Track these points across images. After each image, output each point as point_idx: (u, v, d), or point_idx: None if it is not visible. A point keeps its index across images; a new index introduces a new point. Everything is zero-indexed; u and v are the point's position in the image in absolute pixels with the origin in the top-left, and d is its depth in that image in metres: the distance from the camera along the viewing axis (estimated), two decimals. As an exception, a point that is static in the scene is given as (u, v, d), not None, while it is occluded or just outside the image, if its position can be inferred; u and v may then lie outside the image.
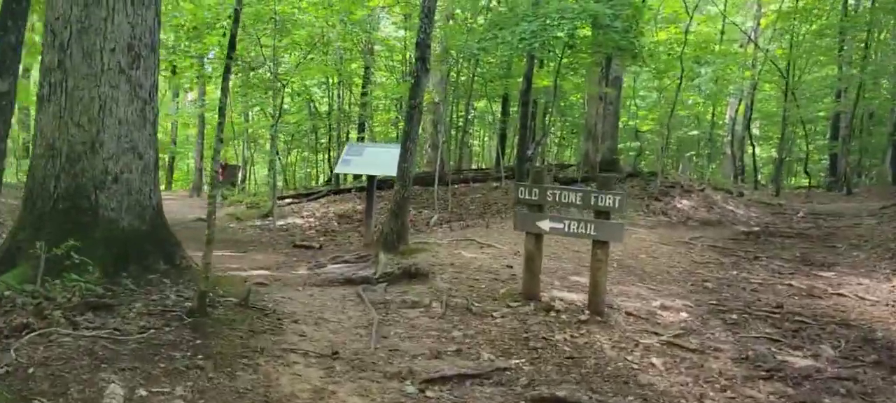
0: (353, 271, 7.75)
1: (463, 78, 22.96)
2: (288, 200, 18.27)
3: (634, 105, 23.20)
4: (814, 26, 27.14)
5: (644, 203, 13.50)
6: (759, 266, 9.11)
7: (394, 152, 8.74)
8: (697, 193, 15.23)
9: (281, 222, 14.83)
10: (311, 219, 15.11)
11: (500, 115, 25.81)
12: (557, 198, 6.12)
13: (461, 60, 20.63)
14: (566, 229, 6.08)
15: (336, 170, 13.16)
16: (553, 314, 5.90)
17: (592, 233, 5.93)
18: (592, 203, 5.93)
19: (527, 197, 6.19)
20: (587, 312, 5.95)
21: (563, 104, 26.07)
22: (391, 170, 8.01)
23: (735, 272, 8.55)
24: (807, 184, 29.74)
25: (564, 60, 16.17)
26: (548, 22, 11.06)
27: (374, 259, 7.89)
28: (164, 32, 12.96)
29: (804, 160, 33.00)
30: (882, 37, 27.48)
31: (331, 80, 24.32)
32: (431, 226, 12.86)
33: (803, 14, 26.09)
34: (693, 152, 32.70)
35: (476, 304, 6.06)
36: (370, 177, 9.55)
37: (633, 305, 6.45)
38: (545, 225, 6.13)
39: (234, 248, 11.40)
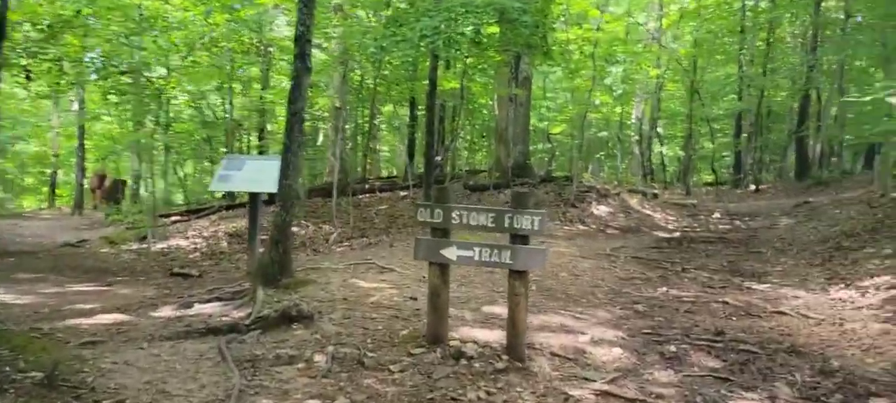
0: (226, 311, 6.46)
1: (368, 80, 21.82)
2: (174, 218, 16.59)
3: (545, 107, 22.55)
4: (714, 26, 27.41)
5: (560, 210, 12.67)
6: (688, 279, 8.33)
7: (278, 164, 7.46)
8: (614, 197, 14.56)
9: (162, 245, 13.24)
10: (198, 240, 13.57)
11: (408, 120, 24.79)
12: (466, 220, 5.04)
13: (363, 61, 19.46)
14: (477, 257, 5.01)
15: (212, 188, 11.70)
16: (464, 362, 4.83)
17: (508, 262, 4.89)
18: (507, 225, 4.89)
19: (429, 219, 5.09)
20: (505, 358, 4.90)
21: (472, 106, 25.26)
22: (275, 187, 6.76)
23: (664, 288, 7.72)
24: (714, 181, 30.07)
25: (471, 60, 15.23)
26: (452, 17, 10.04)
27: (253, 294, 6.61)
28: (16, 30, 11.23)
29: (710, 157, 33.47)
30: (779, 34, 27.94)
31: (224, 86, 22.66)
32: (331, 244, 11.62)
33: (704, 15, 26.26)
34: (603, 153, 32.55)
35: (370, 354, 4.91)
36: (252, 195, 8.24)
37: (559, 341, 5.45)
38: (451, 253, 5.04)
39: (98, 280, 9.84)
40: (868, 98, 7.99)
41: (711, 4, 26.26)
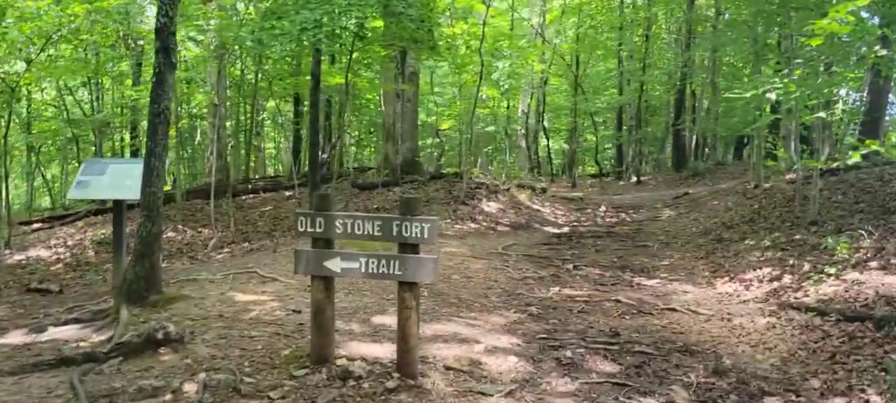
0: (84, 335, 5.78)
1: (250, 76, 20.89)
2: (35, 225, 15.25)
3: (432, 102, 22.36)
4: (594, 22, 28.14)
5: (451, 208, 12.45)
6: (580, 277, 8.27)
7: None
8: (503, 193, 14.50)
9: (20, 256, 12.07)
10: (61, 250, 12.46)
11: (292, 117, 24.00)
12: (350, 229, 4.65)
13: (243, 55, 18.59)
14: (363, 269, 4.63)
15: (70, 196, 10.71)
16: (352, 383, 4.45)
17: (397, 273, 4.54)
18: (395, 233, 4.53)
19: (310, 228, 4.67)
20: (396, 375, 4.55)
21: (359, 102, 24.75)
22: (138, 194, 6.10)
23: (557, 288, 7.60)
24: (597, 173, 30.92)
25: (356, 54, 14.75)
26: (334, 10, 9.57)
27: (116, 313, 5.95)
28: None
29: (593, 150, 34.42)
30: (656, 31, 28.97)
31: (92, 81, 21.12)
32: (209, 251, 10.90)
33: (584, 11, 26.90)
34: (490, 147, 32.78)
35: (247, 379, 4.45)
36: (117, 202, 7.49)
37: (453, 353, 5.16)
38: (335, 265, 4.64)
39: (-62, 301, 8.75)
40: (748, 94, 8.16)
41: (592, 0, 26.96)
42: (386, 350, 5.02)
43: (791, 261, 7.45)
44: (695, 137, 25.16)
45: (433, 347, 5.25)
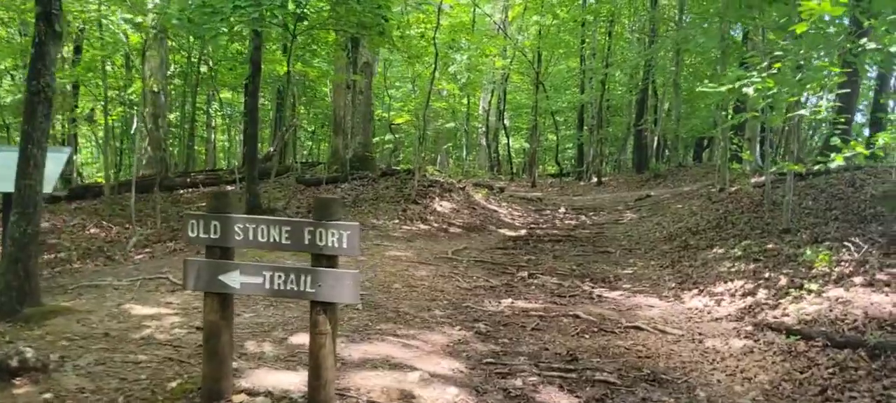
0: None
1: (199, 62, 19.76)
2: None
3: (387, 96, 21.48)
4: (557, 19, 27.56)
5: (400, 207, 11.60)
6: (536, 286, 7.49)
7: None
8: (458, 192, 13.70)
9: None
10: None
11: (243, 107, 22.94)
12: (253, 236, 3.78)
13: (191, 41, 17.49)
14: (268, 285, 3.77)
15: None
16: (249, 426, 3.59)
17: (309, 291, 3.68)
18: (307, 242, 3.68)
19: (203, 233, 3.79)
20: (306, 416, 3.71)
21: (312, 94, 23.77)
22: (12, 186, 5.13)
23: (509, 300, 6.81)
24: (558, 173, 30.41)
25: (302, 40, 13.79)
26: (272, -13, 8.64)
27: (-16, 330, 4.98)
28: None
29: (554, 149, 33.90)
30: (618, 30, 28.50)
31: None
32: (129, 250, 9.88)
33: (547, 6, 26.26)
34: (450, 144, 32.01)
35: (119, 421, 3.56)
36: (5, 196, 6.48)
37: (382, 383, 4.32)
38: (234, 279, 3.77)
39: None
40: (724, 88, 7.47)
41: (554, -3, 26.38)
42: (299, 380, 4.17)
43: (766, 274, 6.77)
44: (656, 138, 24.72)
45: (358, 375, 4.41)
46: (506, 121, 34.75)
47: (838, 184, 10.25)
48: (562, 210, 14.85)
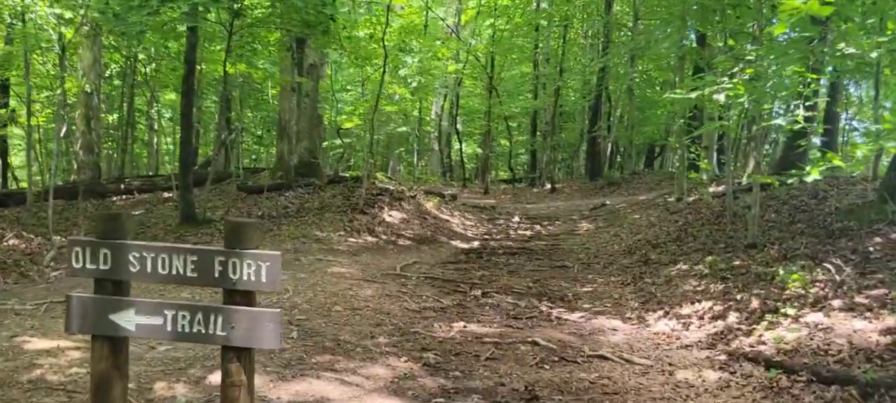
0: None
1: (141, 62, 18.79)
2: None
3: (334, 100, 20.75)
4: (511, 23, 27.23)
5: (347, 218, 10.92)
6: (490, 307, 6.93)
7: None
8: (409, 200, 13.09)
9: None
10: None
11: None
12: (152, 266, 3.11)
13: (127, 40, 16.53)
14: (170, 327, 3.11)
15: None
16: None
17: (219, 334, 3.04)
18: (217, 274, 3.04)
19: (91, 264, 3.11)
20: (216, 486, 3.06)
21: (258, 97, 22.93)
22: None
23: (462, 323, 6.22)
24: (511, 178, 30.03)
25: (243, 39, 13.00)
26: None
27: None
28: None
29: (507, 155, 33.53)
30: (573, 36, 28.29)
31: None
32: (45, 266, 9.00)
33: (500, 10, 25.89)
34: (402, 149, 31.37)
35: None
36: None
37: (312, 434, 3.69)
38: (128, 320, 3.10)
39: None
40: (693, 94, 7.03)
41: (507, 2, 25.98)
42: (213, 436, 3.51)
43: (736, 295, 6.33)
44: (610, 145, 24.48)
45: (285, 426, 3.78)
46: (459, 126, 34.26)
47: (800, 195, 9.96)
48: (516, 219, 14.36)
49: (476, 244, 11.14)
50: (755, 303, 5.96)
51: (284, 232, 9.87)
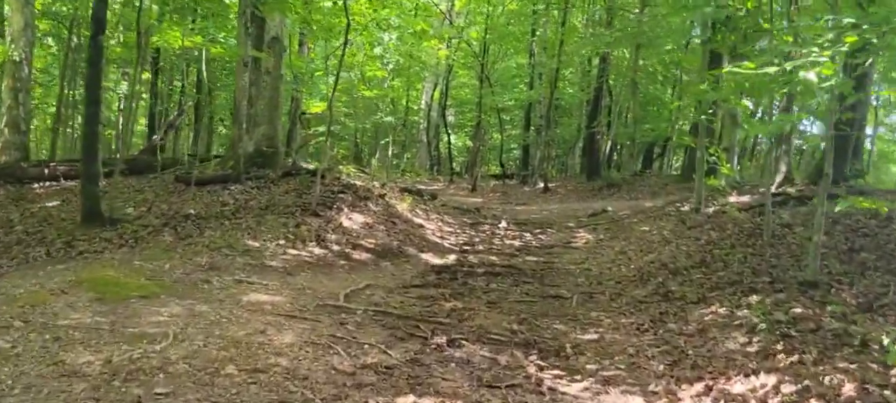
0: None
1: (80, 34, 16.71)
2: None
3: (311, 81, 18.72)
4: (505, 10, 25.38)
5: (293, 222, 8.87)
6: (457, 365, 4.92)
7: None
8: (377, 200, 11.07)
9: None
10: None
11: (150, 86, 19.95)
12: None
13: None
14: None
15: None
16: None
17: None
18: None
19: None
20: None
21: (225, 75, 20.92)
22: None
23: (412, 398, 4.23)
24: (500, 174, 28.11)
25: (199, 8, 11.01)
26: None
27: None
28: None
29: (498, 149, 31.54)
30: (572, 23, 26.25)
31: None
32: None
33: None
34: (388, 139, 29.32)
35: None
36: None
37: None
38: None
39: None
40: (772, 70, 5.02)
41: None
42: None
43: (811, 367, 4.35)
44: (609, 143, 22.45)
45: None
46: (450, 117, 32.32)
47: (856, 213, 7.99)
48: (503, 224, 12.37)
49: (452, 258, 9.12)
50: (848, 388, 3.98)
51: (206, 239, 7.82)
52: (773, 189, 10.45)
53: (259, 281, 6.63)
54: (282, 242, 8.08)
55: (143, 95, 21.56)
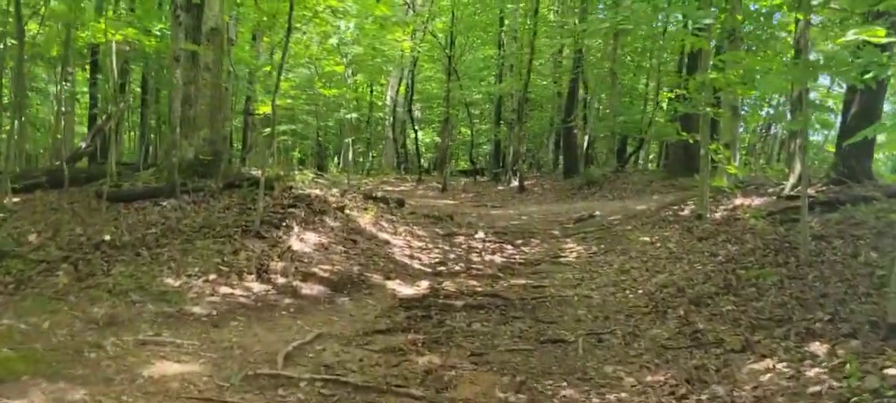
0: None
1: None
2: None
3: (263, 77, 17.07)
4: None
5: (230, 248, 7.29)
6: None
7: None
8: (335, 213, 9.54)
9: None
10: None
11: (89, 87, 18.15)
12: None
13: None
14: None
15: None
16: None
17: None
18: None
19: None
20: None
21: (163, 73, 19.09)
22: None
23: None
24: (471, 170, 26.84)
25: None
26: None
27: None
28: None
29: (468, 145, 30.18)
30: (543, 12, 24.87)
31: None
32: None
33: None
34: (353, 137, 27.67)
35: None
36: None
37: None
38: None
39: None
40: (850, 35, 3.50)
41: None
42: None
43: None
44: (587, 138, 21.08)
45: None
46: (416, 113, 30.84)
47: (890, 209, 6.69)
48: (480, 235, 10.92)
49: (424, 285, 7.63)
50: None
51: (113, 278, 6.21)
52: (787, 190, 9.17)
53: (172, 340, 5.07)
54: (212, 277, 6.51)
55: (78, 97, 19.69)
